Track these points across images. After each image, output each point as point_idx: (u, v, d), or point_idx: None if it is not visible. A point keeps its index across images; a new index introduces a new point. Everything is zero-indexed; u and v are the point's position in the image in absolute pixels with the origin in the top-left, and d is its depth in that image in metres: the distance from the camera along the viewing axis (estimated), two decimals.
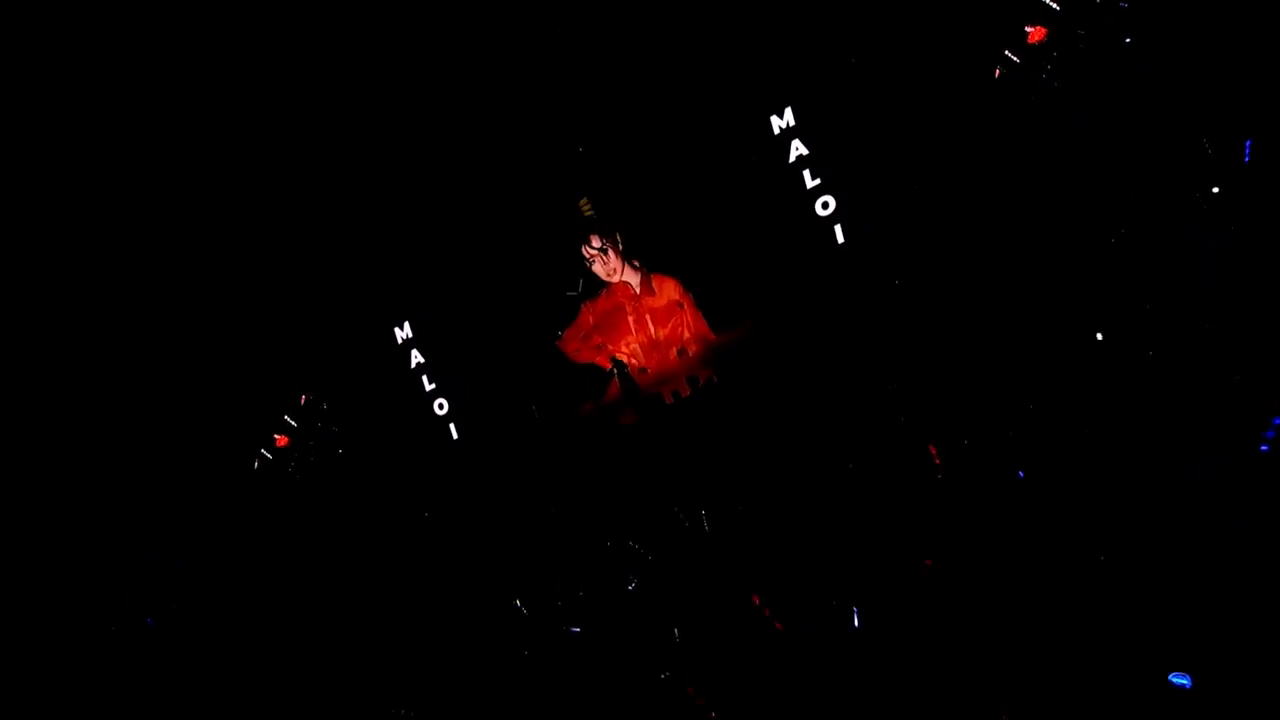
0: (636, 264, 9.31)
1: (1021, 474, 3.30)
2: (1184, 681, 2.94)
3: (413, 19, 7.79)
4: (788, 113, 7.91)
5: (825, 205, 7.84)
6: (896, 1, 7.02)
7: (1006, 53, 7.56)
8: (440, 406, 10.49)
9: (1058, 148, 6.81)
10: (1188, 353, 4.70)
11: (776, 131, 7.81)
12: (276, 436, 11.02)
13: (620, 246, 9.22)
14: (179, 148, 8.45)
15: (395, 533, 8.63)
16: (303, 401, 10.53)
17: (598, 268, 9.24)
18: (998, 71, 7.60)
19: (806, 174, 8.02)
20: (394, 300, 9.81)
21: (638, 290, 9.44)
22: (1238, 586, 3.26)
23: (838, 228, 8.44)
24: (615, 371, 8.50)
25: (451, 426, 10.21)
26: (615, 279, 9.31)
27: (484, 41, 7.97)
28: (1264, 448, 3.11)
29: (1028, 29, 7.39)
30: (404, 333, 10.27)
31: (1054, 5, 6.57)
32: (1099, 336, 5.04)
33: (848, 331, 7.20)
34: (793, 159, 7.94)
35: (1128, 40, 6.49)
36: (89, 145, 8.25)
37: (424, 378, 10.22)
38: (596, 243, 9.16)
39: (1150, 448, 4.21)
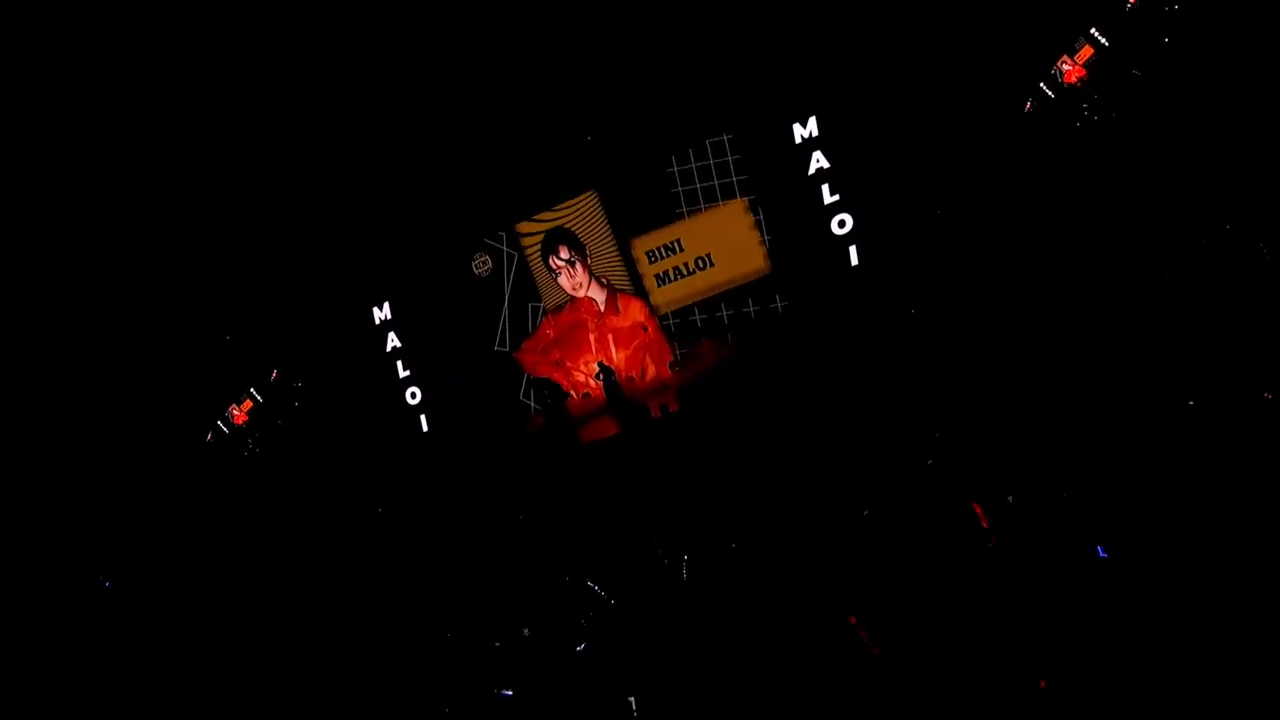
0: (605, 281, 8.81)
1: (1103, 551, 3.10)
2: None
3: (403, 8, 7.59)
4: (811, 122, 7.78)
5: (842, 224, 7.65)
6: (940, 24, 6.85)
7: (1042, 85, 7.46)
8: (413, 396, 10.01)
9: (1081, 187, 6.66)
10: (1194, 367, 4.73)
11: (799, 140, 7.82)
12: (234, 412, 10.47)
13: (589, 261, 8.77)
14: (162, 127, 8.14)
15: (349, 524, 8.09)
16: (273, 377, 10.20)
17: (563, 280, 8.84)
18: (1029, 105, 7.49)
19: (826, 189, 7.85)
20: (375, 279, 9.49)
21: (602, 308, 8.84)
22: (1237, 587, 3.18)
23: (853, 249, 8.28)
24: (601, 378, 8.26)
25: (422, 419, 9.74)
26: (580, 294, 8.87)
27: (496, 36, 7.80)
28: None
29: (1065, 66, 7.27)
30: (382, 314, 9.83)
31: (1103, 41, 6.38)
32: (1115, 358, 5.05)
33: (851, 359, 6.88)
34: (813, 170, 7.83)
35: (1158, 86, 6.34)
36: (70, 128, 7.90)
37: (399, 363, 9.82)
38: (565, 254, 8.71)
39: (1155, 460, 4.10)
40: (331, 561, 7.37)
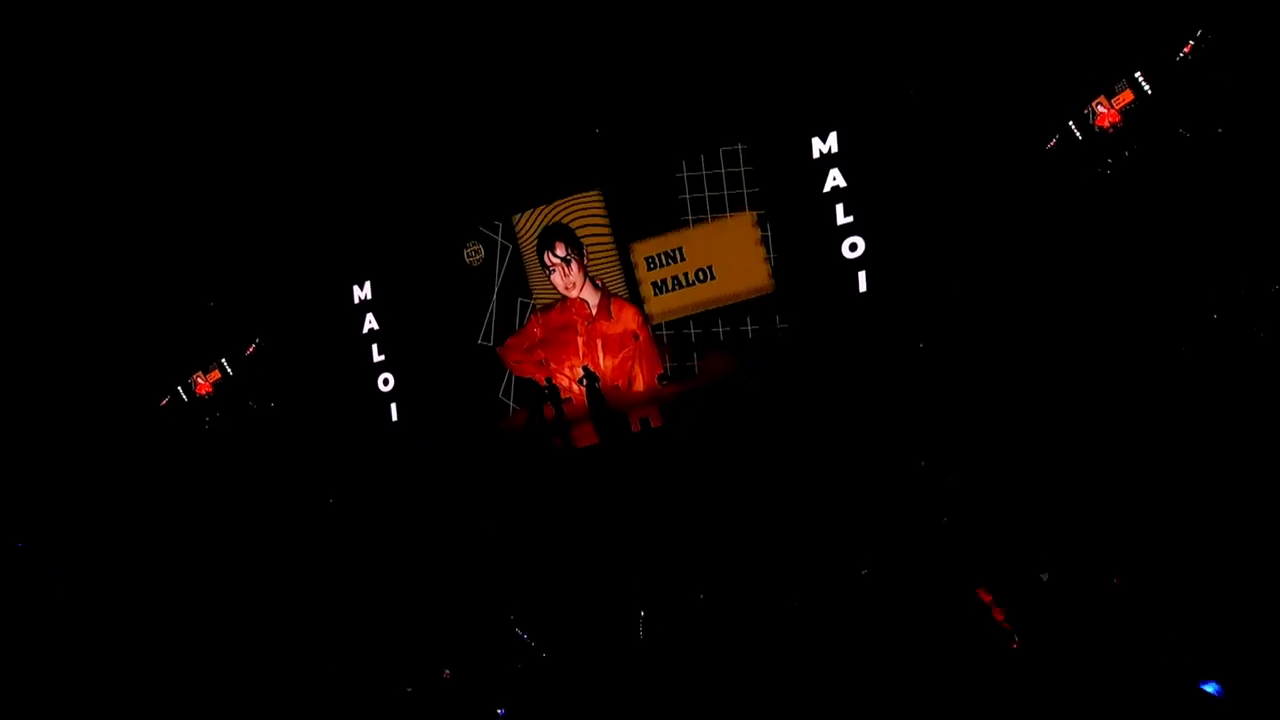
0: (599, 283, 8.53)
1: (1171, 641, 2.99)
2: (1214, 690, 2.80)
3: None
4: (832, 138, 7.39)
5: (854, 247, 7.39)
6: (978, 50, 6.55)
7: (1070, 124, 7.16)
8: (385, 382, 9.55)
9: (1093, 237, 6.34)
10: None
11: (816, 155, 7.33)
12: (199, 380, 9.99)
13: (586, 261, 8.49)
14: (165, 99, 7.92)
15: (299, 513, 7.58)
16: (249, 351, 9.74)
17: (556, 278, 8.54)
18: (1053, 142, 7.20)
19: (840, 209, 7.53)
20: (360, 256, 9.05)
21: (594, 311, 8.57)
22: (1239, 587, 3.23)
23: (862, 274, 7.88)
24: (584, 383, 7.83)
25: (393, 406, 9.27)
26: (573, 294, 8.59)
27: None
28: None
29: (1099, 107, 6.97)
30: (363, 293, 9.40)
31: (1146, 88, 6.07)
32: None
33: (849, 390, 6.48)
34: (828, 188, 7.49)
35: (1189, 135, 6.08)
36: (63, 104, 7.68)
37: (374, 346, 9.37)
38: (561, 251, 8.43)
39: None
40: (276, 550, 6.83)
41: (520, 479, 7.01)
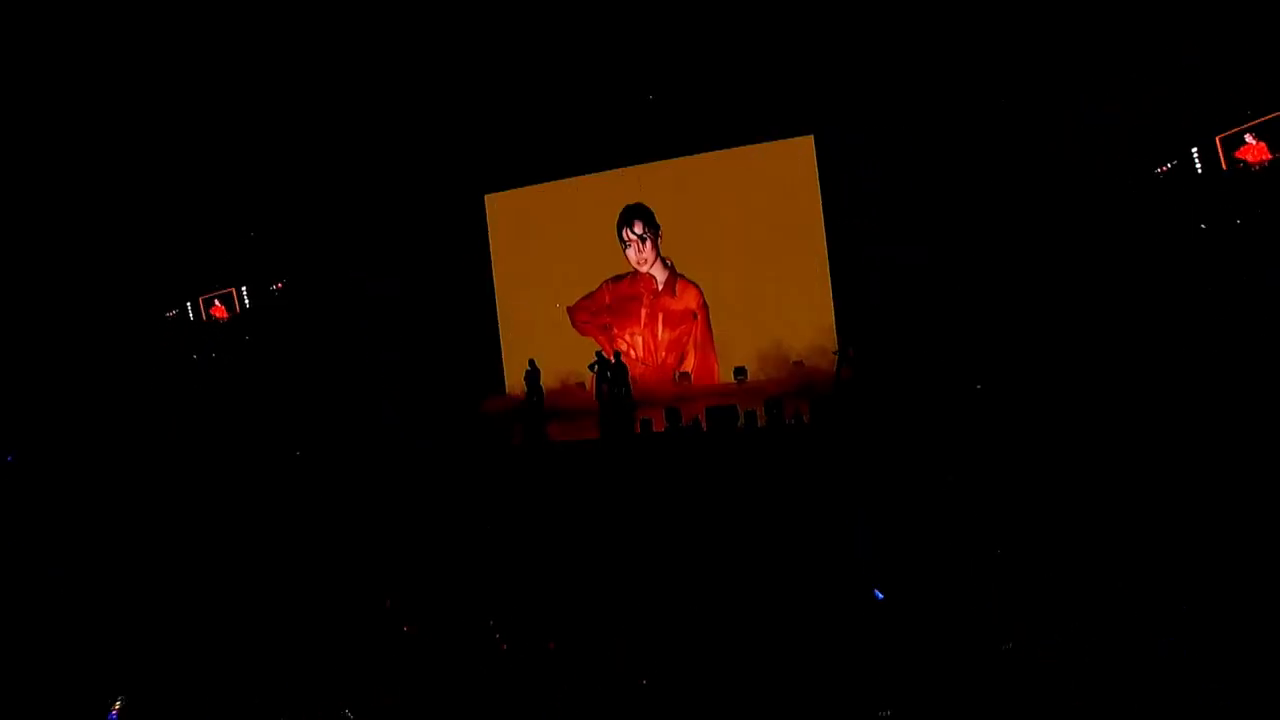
0: (669, 262, 9.40)
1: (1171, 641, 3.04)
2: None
3: None
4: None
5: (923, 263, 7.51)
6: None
7: (1193, 151, 6.38)
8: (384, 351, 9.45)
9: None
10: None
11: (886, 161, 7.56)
12: (215, 304, 9.76)
13: (659, 240, 9.32)
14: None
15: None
16: (277, 287, 10.01)
17: (631, 253, 9.45)
18: (1165, 167, 6.82)
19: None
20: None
21: (660, 287, 9.47)
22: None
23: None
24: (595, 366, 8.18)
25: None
26: (644, 269, 9.52)
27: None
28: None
29: (1248, 138, 6.11)
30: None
31: None
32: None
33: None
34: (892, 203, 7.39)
35: None
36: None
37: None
38: (639, 229, 9.38)
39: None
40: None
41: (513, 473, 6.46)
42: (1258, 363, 5.15)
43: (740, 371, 8.45)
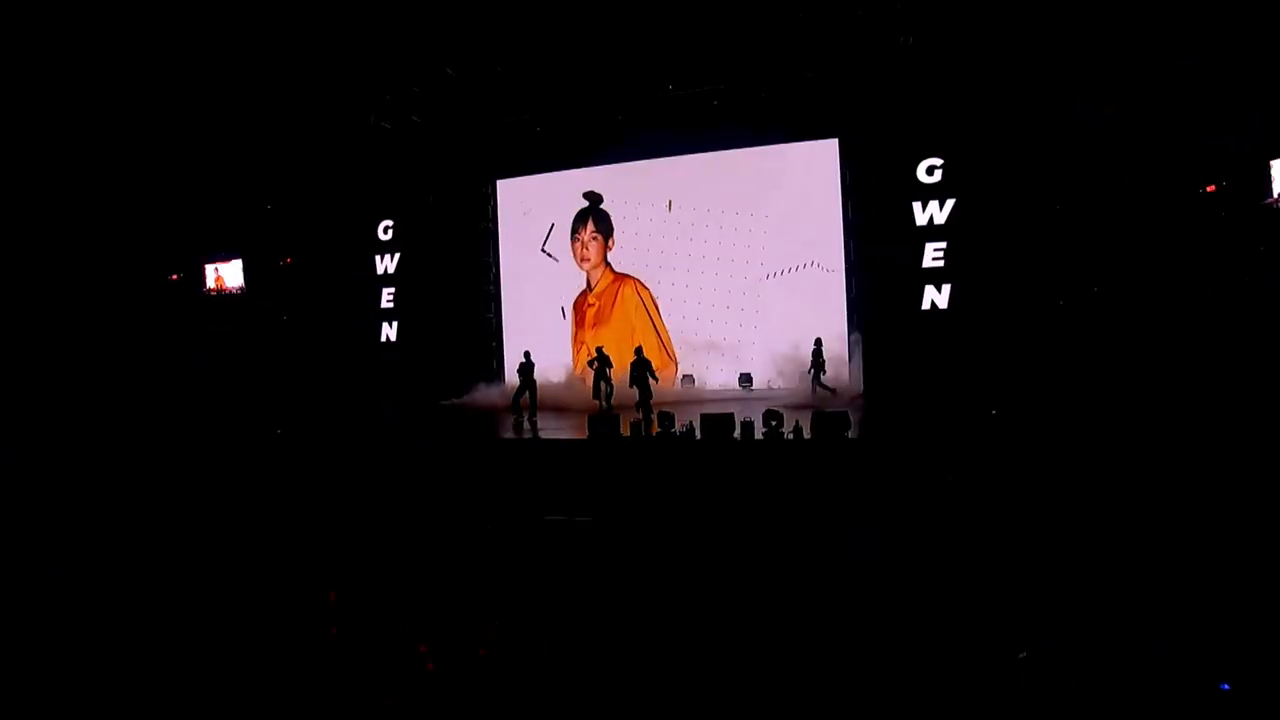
0: (615, 268, 9.48)
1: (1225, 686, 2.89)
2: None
3: None
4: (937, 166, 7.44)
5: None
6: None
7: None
8: (390, 323, 9.69)
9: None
10: None
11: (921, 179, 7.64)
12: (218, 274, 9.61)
13: (609, 247, 9.54)
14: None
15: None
16: (285, 263, 9.98)
17: (576, 248, 9.73)
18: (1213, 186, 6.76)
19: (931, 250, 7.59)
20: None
21: (598, 289, 9.53)
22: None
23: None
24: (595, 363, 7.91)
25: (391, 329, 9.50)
26: (584, 268, 9.79)
27: None
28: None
29: None
30: (386, 235, 9.55)
31: None
32: None
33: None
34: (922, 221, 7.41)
35: None
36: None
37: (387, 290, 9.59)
38: (589, 231, 9.52)
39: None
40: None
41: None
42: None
43: (746, 378, 8.33)
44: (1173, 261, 6.40)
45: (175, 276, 9.53)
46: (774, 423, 5.95)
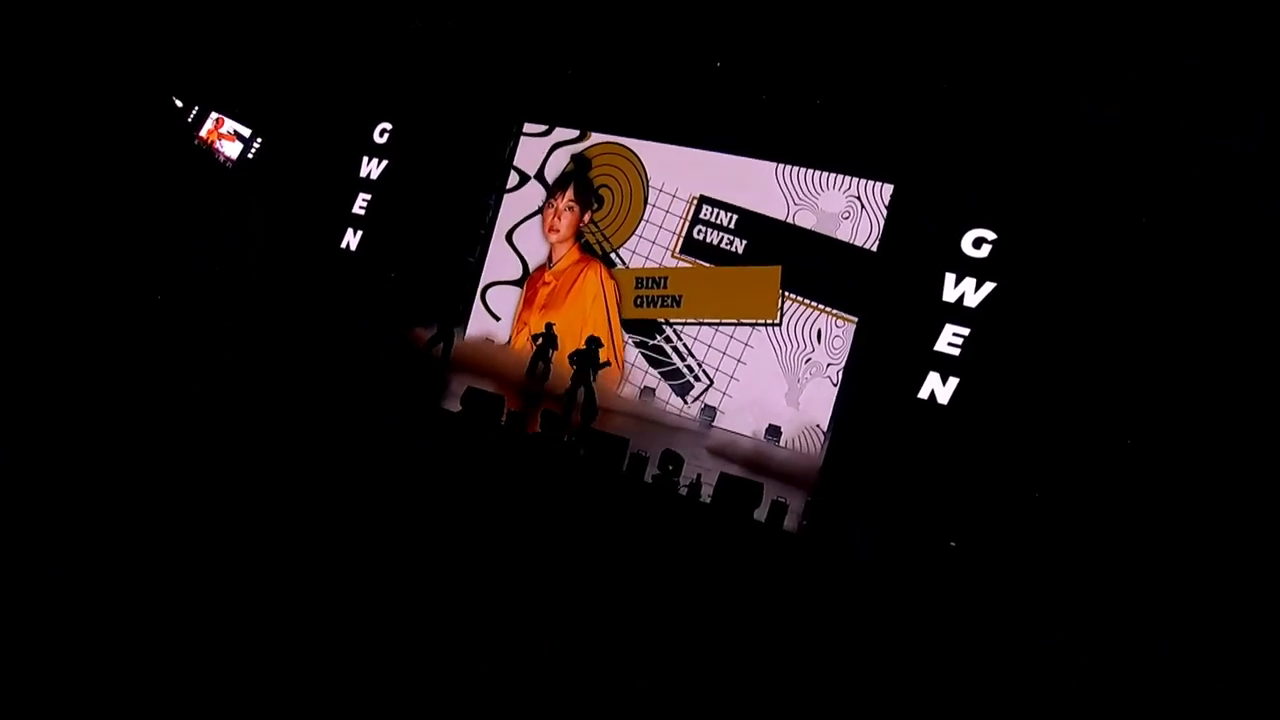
0: (585, 243, 8.33)
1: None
2: None
3: None
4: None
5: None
6: None
7: None
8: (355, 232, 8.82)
9: None
10: None
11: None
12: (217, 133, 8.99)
13: (582, 220, 8.34)
14: None
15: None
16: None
17: (547, 214, 8.46)
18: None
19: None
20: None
21: (559, 266, 8.36)
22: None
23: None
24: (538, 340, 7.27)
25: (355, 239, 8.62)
26: (552, 239, 8.50)
27: None
28: None
29: None
30: (381, 139, 8.85)
31: None
32: None
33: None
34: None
35: None
36: None
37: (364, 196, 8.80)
38: (567, 198, 8.31)
39: None
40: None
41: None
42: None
43: (774, 431, 6.91)
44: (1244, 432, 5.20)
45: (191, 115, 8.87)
46: (670, 467, 4.77)
